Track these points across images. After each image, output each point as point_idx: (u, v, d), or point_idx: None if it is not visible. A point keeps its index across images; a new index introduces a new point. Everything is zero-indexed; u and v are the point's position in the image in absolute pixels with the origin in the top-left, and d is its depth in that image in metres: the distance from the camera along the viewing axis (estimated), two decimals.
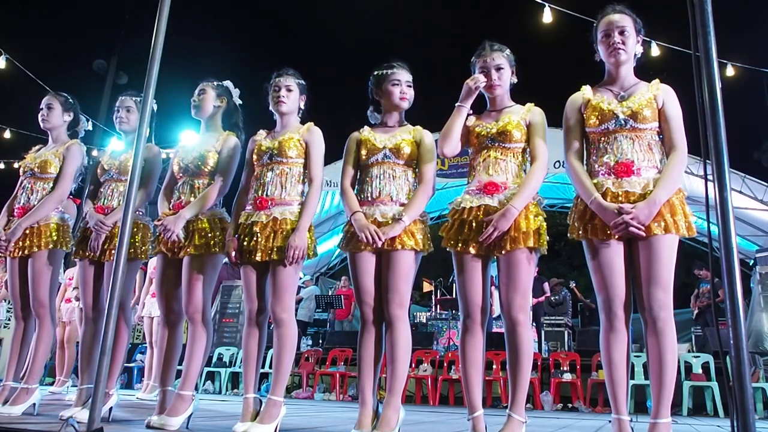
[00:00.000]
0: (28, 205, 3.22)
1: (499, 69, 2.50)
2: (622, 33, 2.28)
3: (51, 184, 3.27)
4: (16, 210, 3.25)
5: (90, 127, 3.60)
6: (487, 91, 2.54)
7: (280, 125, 2.78)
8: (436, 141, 2.59)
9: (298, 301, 10.12)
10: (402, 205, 2.53)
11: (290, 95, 2.73)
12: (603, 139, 2.29)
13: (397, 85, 2.64)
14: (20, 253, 3.15)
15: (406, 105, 2.68)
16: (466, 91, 2.48)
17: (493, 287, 6.82)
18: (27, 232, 3.15)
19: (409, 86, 2.67)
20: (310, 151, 2.69)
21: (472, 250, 2.38)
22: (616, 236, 2.16)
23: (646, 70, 2.41)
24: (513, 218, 2.31)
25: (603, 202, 2.18)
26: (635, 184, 2.18)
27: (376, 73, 2.67)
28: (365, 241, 2.46)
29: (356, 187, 2.66)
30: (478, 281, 2.40)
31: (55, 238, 3.18)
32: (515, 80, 2.58)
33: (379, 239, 2.43)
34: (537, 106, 2.52)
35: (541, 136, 2.46)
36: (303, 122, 2.80)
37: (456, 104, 2.50)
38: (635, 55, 2.35)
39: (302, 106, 2.80)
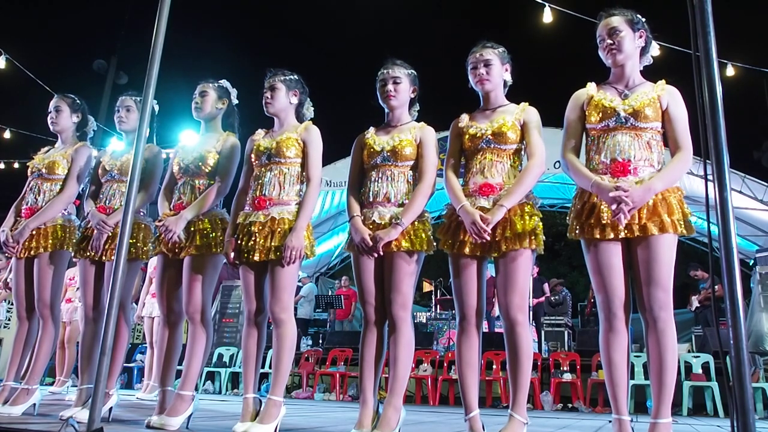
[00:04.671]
0: (35, 206, 3.22)
1: (487, 64, 2.49)
2: (613, 34, 2.29)
3: (58, 185, 3.27)
4: (23, 210, 3.26)
5: (95, 127, 3.61)
6: (477, 85, 2.54)
7: (278, 124, 2.78)
8: (439, 140, 2.58)
9: (297, 301, 10.12)
10: (401, 205, 2.52)
11: (276, 94, 2.71)
12: (603, 136, 2.29)
13: (384, 84, 2.62)
14: (26, 253, 3.16)
15: (394, 103, 2.62)
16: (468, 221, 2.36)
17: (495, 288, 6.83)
18: (33, 233, 3.15)
19: (397, 83, 2.60)
20: (308, 151, 2.67)
21: (467, 252, 2.38)
22: (611, 236, 2.17)
23: (646, 69, 2.41)
24: (501, 216, 2.31)
25: (602, 182, 2.19)
26: (631, 183, 2.18)
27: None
28: (359, 251, 2.48)
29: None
30: (473, 283, 2.40)
31: (60, 239, 3.18)
32: (509, 78, 2.57)
33: (375, 250, 2.43)
34: (533, 106, 2.51)
35: (537, 134, 2.46)
36: (300, 118, 2.80)
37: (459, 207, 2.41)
38: (642, 50, 2.35)
39: (293, 101, 2.76)
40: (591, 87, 2.40)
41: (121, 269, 2.18)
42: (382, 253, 2.46)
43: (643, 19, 2.34)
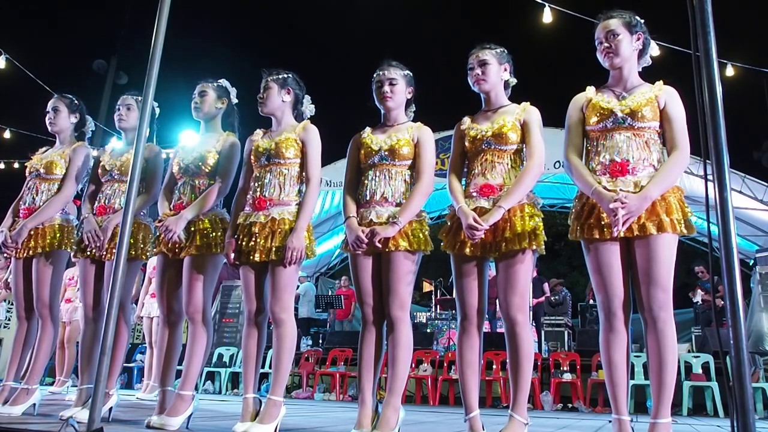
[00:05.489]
0: (33, 206, 3.22)
1: (483, 64, 2.49)
2: (609, 38, 2.30)
3: (56, 185, 3.27)
4: (21, 211, 3.25)
5: (93, 127, 3.61)
6: (474, 86, 2.54)
7: (275, 124, 2.78)
8: (437, 141, 2.58)
9: (295, 300, 10.11)
10: (399, 205, 2.53)
11: (268, 93, 2.72)
12: (601, 137, 2.30)
13: (380, 85, 2.63)
14: (25, 253, 3.15)
15: (390, 104, 2.62)
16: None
17: None
18: (32, 233, 3.15)
19: (393, 84, 2.61)
20: (307, 151, 2.67)
21: (468, 252, 2.39)
22: (611, 236, 2.17)
23: (645, 69, 2.42)
24: (499, 217, 2.32)
25: (602, 191, 2.19)
26: (629, 182, 2.19)
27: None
28: (353, 249, 2.49)
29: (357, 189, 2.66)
30: (474, 283, 2.41)
31: (59, 238, 3.18)
32: (509, 77, 2.56)
33: (372, 244, 2.43)
34: (534, 106, 2.51)
35: (537, 134, 2.46)
36: (299, 117, 2.80)
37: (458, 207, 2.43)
38: (641, 52, 2.35)
39: (286, 99, 2.75)
40: (590, 90, 2.41)
41: (121, 269, 2.18)
42: (380, 246, 2.46)
43: (642, 21, 2.34)
